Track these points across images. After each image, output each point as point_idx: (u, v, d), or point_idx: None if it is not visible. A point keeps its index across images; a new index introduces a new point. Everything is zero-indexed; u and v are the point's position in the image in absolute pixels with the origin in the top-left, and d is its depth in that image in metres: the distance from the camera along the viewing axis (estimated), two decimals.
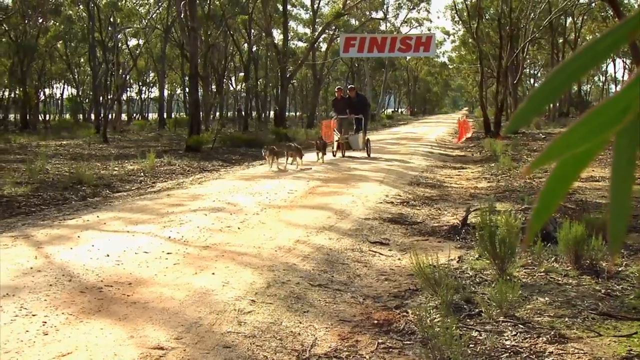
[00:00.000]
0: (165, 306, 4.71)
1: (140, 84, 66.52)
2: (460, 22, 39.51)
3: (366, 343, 4.18)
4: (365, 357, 3.95)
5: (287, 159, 16.00)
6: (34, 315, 4.48)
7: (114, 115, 40.23)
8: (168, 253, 6.54)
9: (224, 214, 9.03)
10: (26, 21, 38.06)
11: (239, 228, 8.07)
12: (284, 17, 37.51)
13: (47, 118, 53.96)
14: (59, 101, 66.96)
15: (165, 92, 56.77)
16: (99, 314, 4.56)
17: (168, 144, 26.15)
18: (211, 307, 4.70)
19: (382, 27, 56.68)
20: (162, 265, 6.04)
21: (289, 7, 40.92)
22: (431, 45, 26.54)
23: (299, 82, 65.28)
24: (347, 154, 18.71)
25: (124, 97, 55.63)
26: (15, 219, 9.05)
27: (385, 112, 79.69)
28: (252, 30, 41.28)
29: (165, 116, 49.22)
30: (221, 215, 8.90)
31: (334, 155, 18.34)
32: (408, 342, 4.20)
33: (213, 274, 5.71)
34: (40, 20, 40.76)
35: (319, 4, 46.04)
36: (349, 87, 21.38)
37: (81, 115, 49.98)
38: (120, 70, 35.82)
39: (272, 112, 49.07)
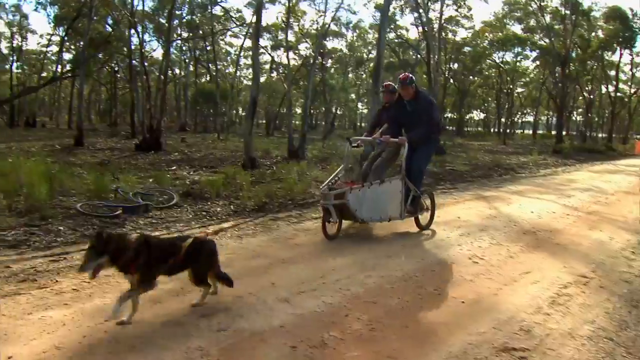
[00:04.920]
0: (577, 249, 6.97)
1: None
2: None
3: None
4: None
5: None
6: (500, 245, 7.00)
7: None
8: (567, 214, 9.61)
9: (592, 193, 12.90)
10: None
11: (606, 203, 11.37)
12: None
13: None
14: None
15: None
16: (539, 249, 6.84)
17: (539, 148, 32.43)
18: (607, 253, 6.78)
19: None
20: (566, 221, 8.93)
21: None
22: None
23: None
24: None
25: None
26: (466, 184, 14.10)
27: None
28: None
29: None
30: (591, 194, 12.70)
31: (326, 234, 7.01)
32: None
33: (601, 230, 8.26)
34: None
35: None
36: (400, 78, 7.77)
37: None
38: None
39: None
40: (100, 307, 4.33)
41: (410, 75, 7.76)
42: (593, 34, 38.95)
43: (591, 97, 49.84)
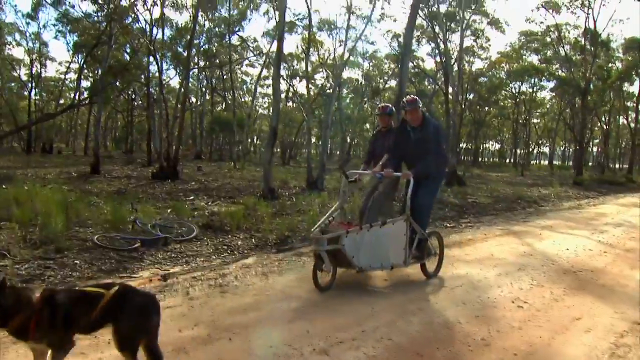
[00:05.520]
0: (624, 291, 6.51)
1: None
2: None
3: None
4: None
5: None
6: (542, 286, 6.52)
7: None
8: (604, 252, 9.11)
9: (625, 228, 12.32)
10: None
11: None
12: None
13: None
14: None
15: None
16: (583, 291, 6.36)
17: (558, 179, 32.68)
18: None
19: None
20: (605, 260, 8.44)
21: None
22: None
23: None
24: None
25: None
26: (491, 217, 13.67)
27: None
28: None
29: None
30: (624, 229, 12.14)
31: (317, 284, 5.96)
32: None
33: None
34: None
35: None
36: (406, 100, 6.86)
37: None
38: None
39: None
40: None
41: (416, 97, 6.87)
42: (610, 64, 38.64)
43: (608, 128, 49.43)
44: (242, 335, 4.41)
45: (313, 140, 74.73)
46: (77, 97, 36.44)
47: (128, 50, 30.22)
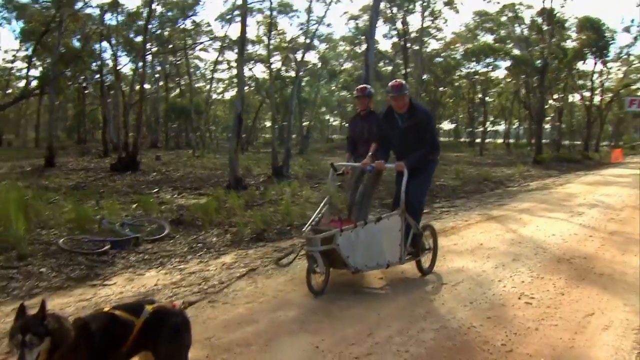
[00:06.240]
0: (625, 279, 6.24)
1: None
2: None
3: None
4: None
5: None
6: (542, 278, 6.20)
7: None
8: (590, 236, 8.94)
9: (601, 209, 12.22)
10: None
11: (620, 220, 10.64)
12: None
13: None
14: None
15: None
16: (584, 282, 6.09)
17: (518, 158, 33.90)
18: None
19: None
20: (594, 245, 8.24)
21: None
22: None
23: None
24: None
25: None
26: (463, 200, 13.65)
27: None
28: None
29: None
30: (600, 210, 12.06)
31: (311, 288, 5.44)
32: None
33: (635, 255, 7.54)
34: None
35: None
36: (391, 86, 6.29)
37: None
38: None
39: None
40: None
41: (404, 82, 6.42)
42: (565, 43, 39.08)
43: (562, 105, 50.23)
44: (246, 355, 3.94)
45: (269, 124, 74.15)
46: (27, 86, 34.87)
47: (79, 38, 28.99)
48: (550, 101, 46.85)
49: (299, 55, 39.49)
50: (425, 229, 6.47)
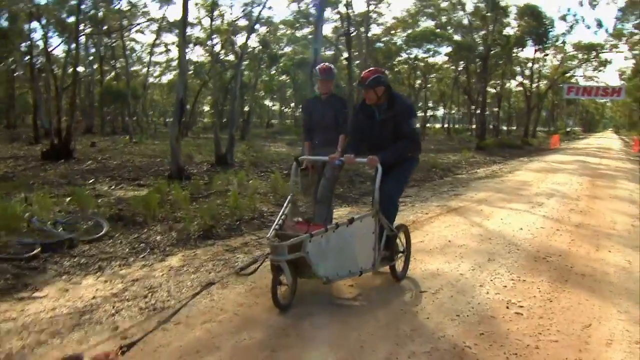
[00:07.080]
0: (609, 280, 5.89)
1: None
2: None
3: None
4: None
5: None
6: (523, 281, 5.72)
7: None
8: (556, 230, 8.61)
9: (558, 199, 12.02)
10: None
11: (581, 211, 10.44)
12: None
13: None
14: None
15: None
16: (568, 284, 5.66)
17: (459, 144, 34.49)
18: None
19: None
20: (563, 239, 7.88)
21: None
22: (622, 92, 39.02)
23: None
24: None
25: None
26: (414, 189, 13.44)
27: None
28: None
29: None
30: (558, 200, 11.86)
31: (277, 302, 4.67)
32: None
33: (609, 251, 7.26)
34: None
35: None
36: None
37: None
38: None
39: None
40: None
41: (382, 69, 5.84)
42: (505, 30, 39.50)
43: (501, 92, 51.10)
44: None
45: (207, 109, 72.47)
46: None
47: (6, 17, 27.07)
48: (489, 88, 47.45)
49: (238, 39, 38.51)
50: (399, 229, 5.78)
